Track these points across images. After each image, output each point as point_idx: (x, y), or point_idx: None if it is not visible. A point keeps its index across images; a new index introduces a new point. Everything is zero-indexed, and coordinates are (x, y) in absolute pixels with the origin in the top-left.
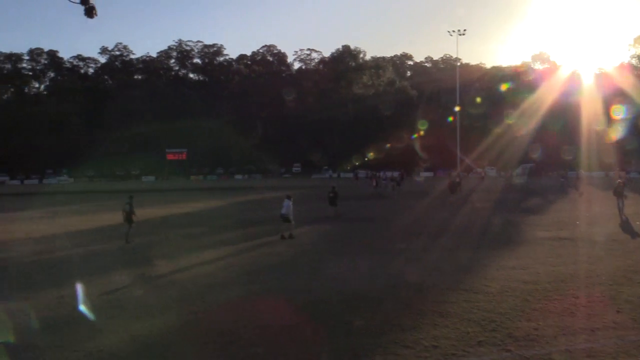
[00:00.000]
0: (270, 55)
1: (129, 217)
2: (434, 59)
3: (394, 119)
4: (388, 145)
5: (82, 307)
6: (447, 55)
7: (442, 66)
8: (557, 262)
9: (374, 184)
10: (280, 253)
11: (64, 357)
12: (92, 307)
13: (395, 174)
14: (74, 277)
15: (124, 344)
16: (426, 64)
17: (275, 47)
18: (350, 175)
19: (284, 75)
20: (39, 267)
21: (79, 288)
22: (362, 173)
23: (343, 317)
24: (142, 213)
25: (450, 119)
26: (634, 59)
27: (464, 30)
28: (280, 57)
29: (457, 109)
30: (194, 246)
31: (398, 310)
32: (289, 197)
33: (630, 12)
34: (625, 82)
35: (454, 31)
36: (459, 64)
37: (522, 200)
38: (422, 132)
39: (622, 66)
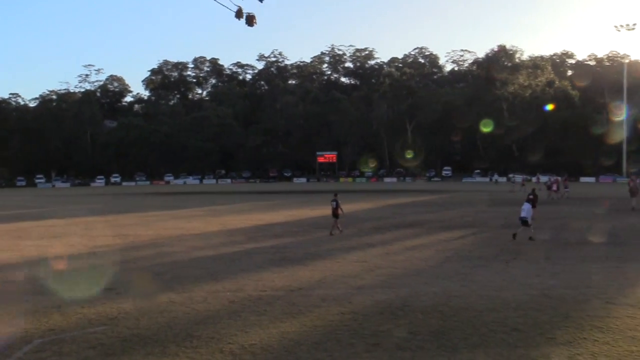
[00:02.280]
0: (422, 57)
1: (335, 212)
2: (598, 56)
3: (554, 120)
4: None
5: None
6: (614, 52)
7: (607, 64)
8: None
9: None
10: (427, 258)
11: (218, 348)
12: (244, 302)
13: (553, 178)
14: (230, 274)
15: (273, 340)
16: (589, 62)
17: (427, 48)
18: (504, 179)
19: (435, 77)
20: (199, 263)
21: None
22: (518, 177)
23: (494, 327)
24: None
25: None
26: None
27: (634, 24)
28: (432, 58)
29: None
30: (337, 248)
31: (554, 322)
32: (529, 201)
33: None
34: None
35: (621, 26)
36: (627, 60)
37: None
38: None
39: None
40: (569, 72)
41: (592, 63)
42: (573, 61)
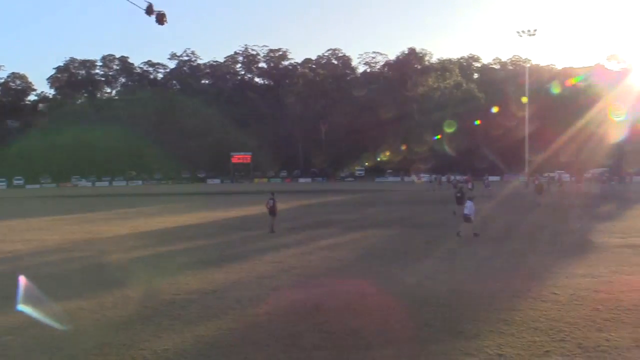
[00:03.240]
0: (335, 59)
1: (272, 210)
2: (502, 60)
3: (460, 121)
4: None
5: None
6: (516, 57)
7: (510, 68)
8: (631, 271)
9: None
10: (341, 257)
11: (130, 355)
12: (157, 307)
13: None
14: (142, 278)
15: (188, 344)
16: (494, 66)
17: (340, 50)
18: (411, 179)
19: (348, 78)
20: (109, 267)
21: (145, 288)
22: (425, 177)
23: (406, 323)
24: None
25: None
26: None
27: (534, 30)
28: (345, 60)
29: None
30: (252, 249)
31: (463, 317)
32: (471, 199)
33: None
34: None
35: (523, 32)
36: (528, 64)
37: (595, 206)
38: (491, 133)
39: None
40: (475, 75)
41: (497, 67)
42: (479, 64)
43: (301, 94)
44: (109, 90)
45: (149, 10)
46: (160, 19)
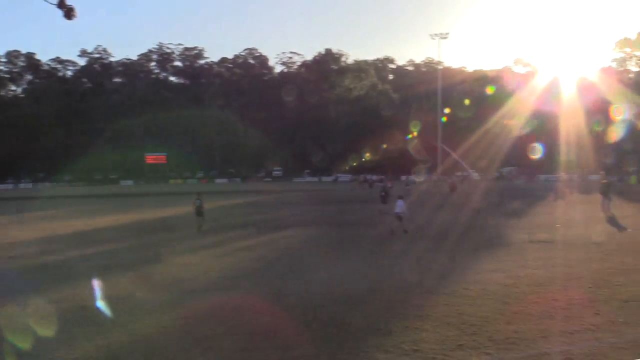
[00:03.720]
0: (252, 59)
1: (199, 211)
2: (416, 62)
3: (376, 122)
4: (365, 151)
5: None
6: (429, 59)
7: (424, 69)
8: (537, 265)
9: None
10: (261, 257)
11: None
12: (67, 314)
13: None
14: (50, 284)
15: (100, 352)
16: (408, 68)
17: (257, 50)
18: (330, 179)
19: (266, 78)
20: (14, 273)
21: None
22: (344, 177)
23: (322, 321)
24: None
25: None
26: (614, 62)
27: (447, 33)
28: (262, 60)
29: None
30: (169, 251)
31: (379, 314)
32: (401, 197)
33: (613, 16)
34: (608, 86)
35: (436, 35)
36: (441, 67)
37: (503, 203)
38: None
39: (604, 70)
40: (390, 77)
41: (411, 68)
42: (394, 66)
43: (218, 93)
44: (14, 87)
45: (61, 4)
46: (69, 13)
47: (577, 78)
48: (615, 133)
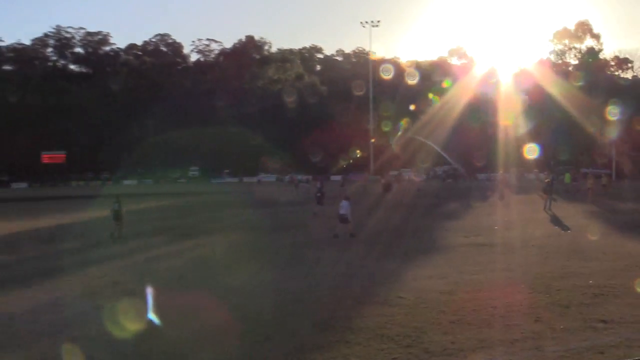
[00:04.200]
0: (164, 46)
1: (117, 216)
2: (346, 52)
3: (304, 116)
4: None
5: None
6: (360, 49)
7: (354, 60)
8: (475, 270)
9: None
10: (175, 268)
11: None
12: None
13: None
14: None
15: None
16: (337, 58)
17: (170, 36)
18: (253, 179)
19: (180, 67)
20: None
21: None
22: (269, 177)
23: (243, 338)
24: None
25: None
26: (552, 54)
27: (378, 21)
28: (176, 47)
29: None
30: (71, 262)
31: (305, 327)
32: (347, 198)
33: (550, 8)
34: (545, 78)
35: (367, 22)
36: (372, 57)
37: (439, 205)
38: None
39: (541, 62)
40: (318, 67)
41: (340, 59)
42: (322, 56)
43: (125, 83)
44: None
45: None
46: None
47: (515, 71)
48: (555, 129)
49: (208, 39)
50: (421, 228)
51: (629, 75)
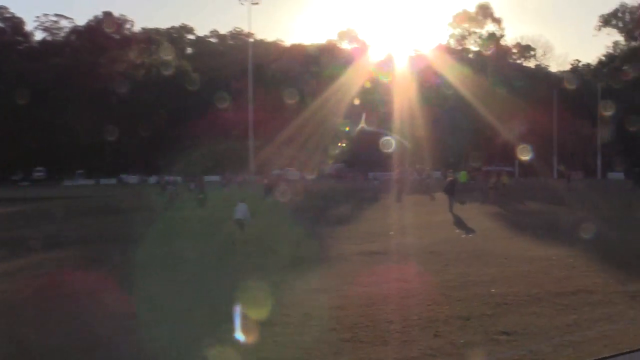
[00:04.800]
0: (1, 21)
1: None
2: (221, 33)
3: (174, 108)
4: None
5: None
6: (238, 29)
7: (231, 42)
8: (368, 282)
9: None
10: (9, 292)
11: None
12: None
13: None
14: None
15: None
16: (211, 39)
17: (7, 9)
18: (113, 181)
19: (21, 47)
20: None
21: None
22: (131, 177)
23: None
24: None
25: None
26: (452, 39)
27: None
28: (16, 23)
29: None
30: None
31: (175, 354)
32: (243, 200)
33: None
34: (442, 65)
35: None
36: (252, 39)
37: (327, 208)
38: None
39: (440, 47)
40: (189, 50)
41: (215, 40)
42: (193, 37)
43: None
44: None
45: None
46: None
47: (411, 56)
48: (454, 123)
49: (57, 15)
50: (307, 235)
51: (531, 64)
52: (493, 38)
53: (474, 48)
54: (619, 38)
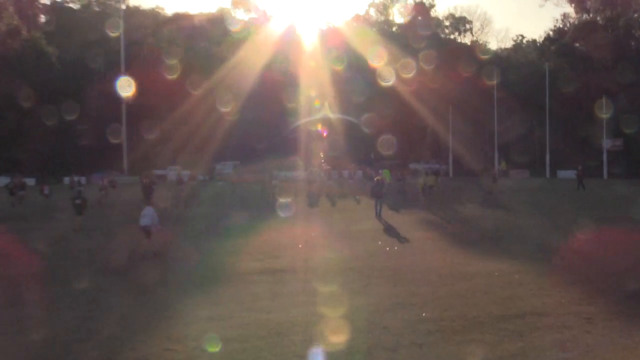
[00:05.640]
0: None
1: None
2: None
3: (25, 90)
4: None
5: None
6: None
7: (97, 9)
8: (273, 307)
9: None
10: None
11: None
12: None
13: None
14: None
15: None
16: (71, 5)
17: None
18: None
19: None
20: None
21: None
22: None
23: None
24: None
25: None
26: (373, 8)
27: None
28: None
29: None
30: None
31: None
32: (150, 205)
33: None
34: (361, 39)
35: None
36: (124, 7)
37: (223, 216)
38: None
39: (357, 18)
40: (42, 18)
41: (75, 6)
42: (47, 2)
43: None
44: None
45: None
46: None
47: (322, 29)
48: (375, 111)
49: None
50: (197, 250)
51: (467, 39)
52: (423, 9)
53: (399, 20)
54: (569, 9)
